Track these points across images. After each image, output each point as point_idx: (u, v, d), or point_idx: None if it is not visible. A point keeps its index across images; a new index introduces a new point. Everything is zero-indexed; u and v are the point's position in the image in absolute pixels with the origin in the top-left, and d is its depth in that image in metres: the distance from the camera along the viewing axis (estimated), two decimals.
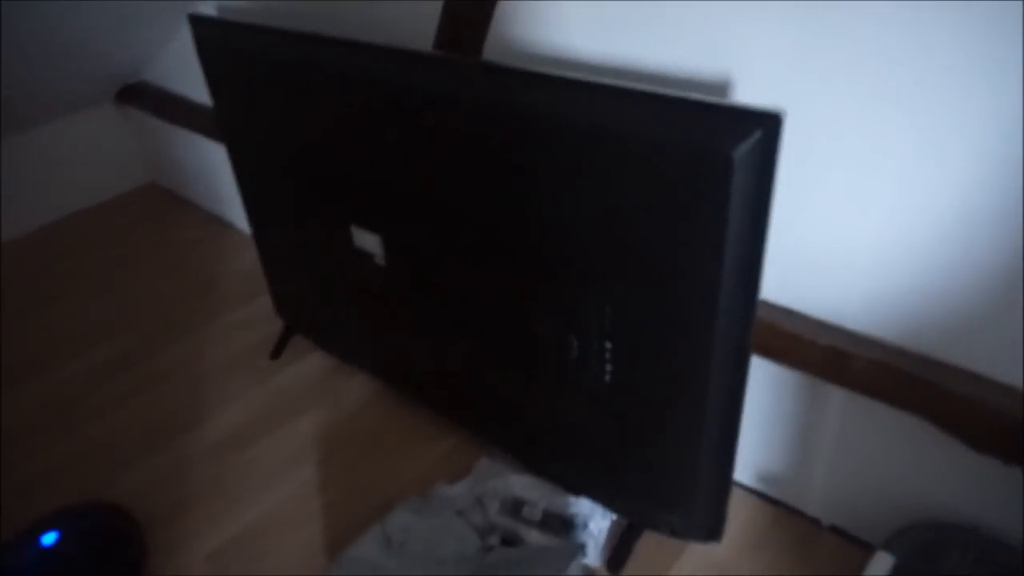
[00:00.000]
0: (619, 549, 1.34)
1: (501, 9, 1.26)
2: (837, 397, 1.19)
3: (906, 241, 0.99)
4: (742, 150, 0.83)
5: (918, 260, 0.99)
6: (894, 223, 0.99)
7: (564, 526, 1.35)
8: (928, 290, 1.00)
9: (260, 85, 1.46)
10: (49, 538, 1.30)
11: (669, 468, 1.20)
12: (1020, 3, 0.78)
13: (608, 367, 1.15)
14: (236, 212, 2.24)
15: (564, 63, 1.21)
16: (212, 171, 2.34)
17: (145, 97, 2.37)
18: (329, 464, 1.58)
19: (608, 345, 1.13)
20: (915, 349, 1.05)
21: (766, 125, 0.83)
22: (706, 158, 0.85)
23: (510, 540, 1.34)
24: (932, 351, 1.04)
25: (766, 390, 1.27)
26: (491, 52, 1.31)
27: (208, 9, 1.85)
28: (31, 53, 1.75)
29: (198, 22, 1.53)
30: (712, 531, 1.25)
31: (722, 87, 1.04)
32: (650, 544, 1.35)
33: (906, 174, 0.95)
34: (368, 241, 1.40)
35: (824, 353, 1.09)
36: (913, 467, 1.17)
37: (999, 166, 0.87)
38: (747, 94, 1.03)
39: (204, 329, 2.01)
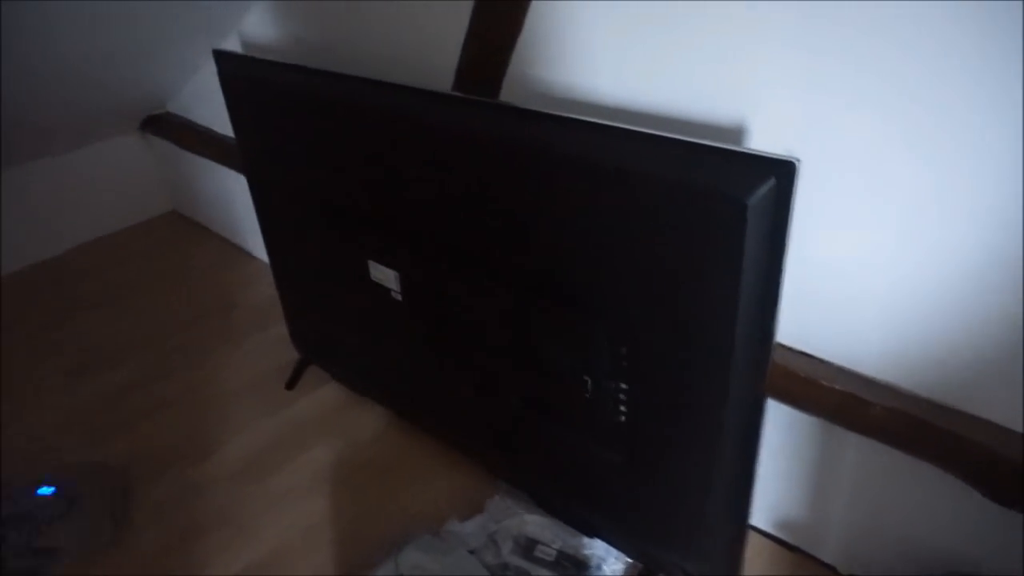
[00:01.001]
0: None
1: (520, 51, 1.27)
2: (854, 442, 1.17)
3: (925, 287, 0.98)
4: (756, 197, 0.83)
5: (937, 307, 0.98)
6: (913, 268, 0.98)
7: (577, 568, 1.34)
8: (947, 337, 0.99)
9: (281, 119, 1.49)
10: (46, 490, 1.50)
11: (684, 512, 1.18)
12: None
13: (622, 408, 1.14)
14: (255, 241, 2.26)
15: (580, 105, 1.22)
16: (232, 201, 2.37)
17: (168, 127, 2.41)
18: (341, 496, 1.58)
19: (623, 386, 1.12)
20: (933, 397, 1.04)
21: (781, 172, 0.83)
22: (721, 204, 0.85)
23: None
24: (950, 399, 1.02)
25: (783, 434, 1.26)
26: (509, 92, 1.33)
27: (232, 42, 1.89)
28: (61, 82, 1.80)
29: (222, 57, 1.56)
30: None
31: (737, 130, 1.05)
32: None
33: (925, 218, 0.94)
34: (385, 275, 1.41)
35: (841, 399, 1.08)
36: (931, 516, 1.15)
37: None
38: (764, 136, 1.03)
39: (220, 356, 2.03)
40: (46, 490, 1.50)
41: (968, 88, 0.84)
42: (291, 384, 1.89)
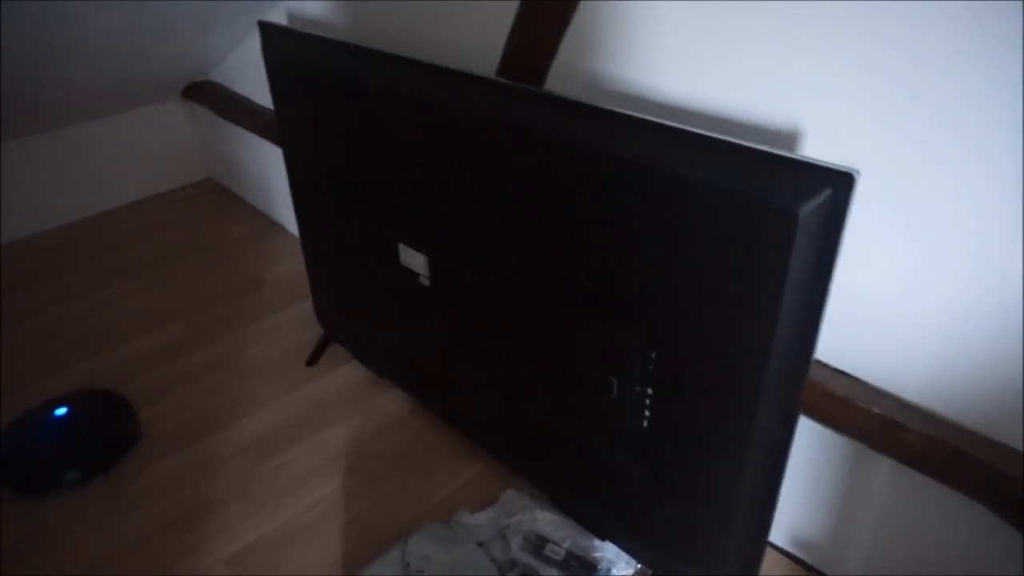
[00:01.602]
0: None
1: (569, 40, 1.24)
2: (886, 467, 1.13)
3: (975, 313, 0.93)
4: (809, 208, 0.80)
5: (987, 335, 0.93)
6: (964, 293, 0.93)
7: (586, 569, 1.32)
8: (994, 367, 0.94)
9: (321, 95, 1.47)
10: (61, 411, 1.64)
11: (701, 523, 1.15)
12: None
13: (647, 412, 1.11)
14: (287, 215, 2.26)
15: (628, 99, 1.19)
16: (268, 173, 2.37)
17: (210, 96, 2.41)
18: (355, 478, 1.57)
19: (649, 390, 1.09)
20: (974, 427, 0.99)
21: (837, 184, 0.79)
22: (771, 213, 0.82)
23: None
24: (992, 431, 0.98)
25: (811, 452, 1.22)
26: (556, 82, 1.30)
27: (278, 14, 1.88)
28: (110, 51, 1.80)
29: (267, 29, 1.54)
30: None
31: (792, 136, 1.01)
32: None
33: (982, 242, 0.90)
34: (415, 260, 1.39)
35: (877, 422, 1.04)
36: (961, 550, 1.11)
37: None
38: (818, 144, 0.99)
39: (245, 329, 2.03)
40: (61, 410, 1.65)
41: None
42: (312, 360, 1.88)
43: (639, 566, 1.33)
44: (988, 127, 0.84)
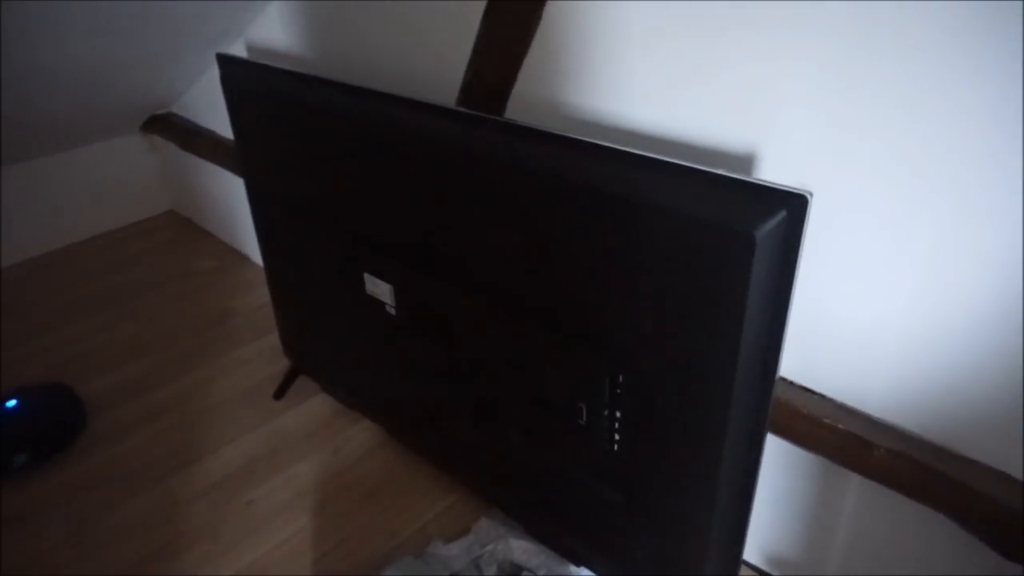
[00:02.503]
0: None
1: (527, 69, 1.25)
2: (855, 483, 1.13)
3: (935, 328, 0.95)
4: (765, 229, 0.80)
5: (947, 349, 0.95)
6: (923, 309, 0.95)
7: None
8: (956, 381, 0.96)
9: (282, 127, 1.46)
10: (11, 403, 1.74)
11: (675, 545, 1.15)
12: None
13: (616, 436, 1.11)
14: (253, 246, 2.24)
15: (585, 125, 1.20)
16: (231, 204, 2.34)
17: (171, 128, 2.39)
18: (325, 514, 1.54)
19: (617, 414, 1.09)
20: (940, 442, 1.00)
21: (792, 205, 0.80)
22: (728, 235, 0.82)
23: None
24: (957, 445, 0.99)
25: (781, 470, 1.23)
26: (515, 110, 1.30)
27: (238, 48, 1.87)
28: (70, 83, 1.78)
29: (226, 61, 1.53)
30: None
31: (748, 159, 1.02)
32: None
33: (938, 258, 0.91)
34: (380, 289, 1.38)
35: (843, 438, 1.04)
36: (932, 564, 1.11)
37: None
38: (774, 167, 1.01)
39: (212, 362, 1.99)
40: (11, 402, 1.75)
41: (1001, 119, 0.81)
42: (279, 394, 1.85)
43: None
44: (946, 147, 0.85)
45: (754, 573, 1.37)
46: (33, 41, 1.45)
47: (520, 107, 1.29)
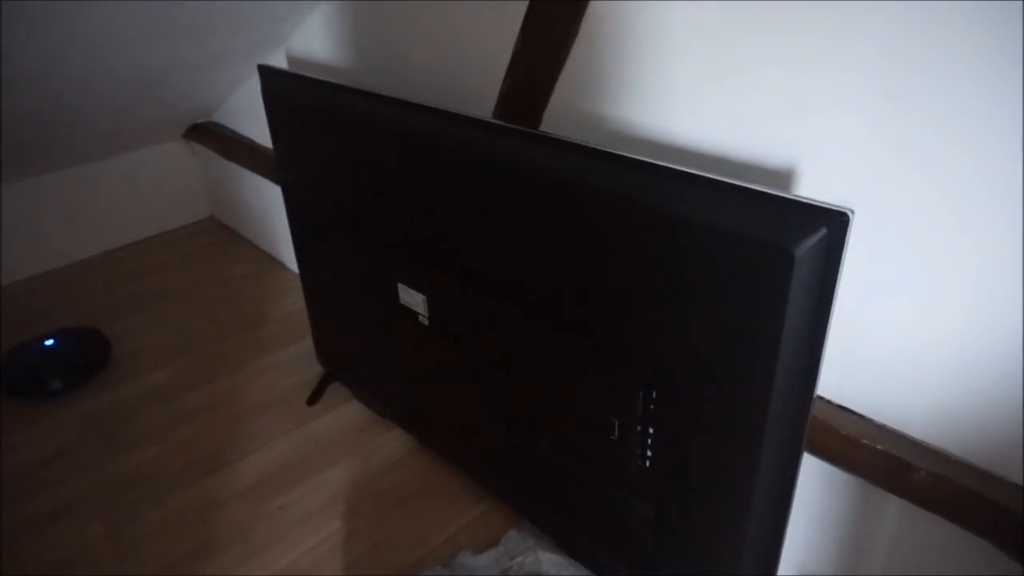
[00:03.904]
0: None
1: (563, 81, 1.25)
2: (894, 505, 1.11)
3: (981, 350, 0.92)
4: (805, 247, 0.79)
5: (993, 371, 0.92)
6: (969, 330, 0.92)
7: None
8: (1000, 404, 0.93)
9: (320, 137, 1.48)
10: (49, 341, 2.09)
11: (708, 563, 1.13)
12: None
13: (648, 452, 1.10)
14: (289, 253, 2.26)
15: (622, 139, 1.19)
16: (269, 211, 2.38)
17: (212, 136, 2.44)
18: (356, 520, 1.55)
19: (650, 430, 1.08)
20: (983, 465, 0.98)
21: (832, 223, 0.79)
22: (768, 252, 0.81)
23: None
24: (1002, 470, 0.96)
25: (818, 490, 1.20)
26: (551, 123, 1.30)
27: (279, 57, 1.90)
28: (115, 90, 1.83)
29: (267, 72, 1.56)
30: None
31: (788, 175, 1.01)
32: None
33: (987, 279, 0.89)
34: (414, 299, 1.39)
35: (883, 460, 1.02)
36: None
37: None
38: (815, 181, 0.99)
39: (247, 367, 2.02)
40: (49, 341, 2.10)
41: None
42: (313, 399, 1.87)
43: None
44: (990, 164, 0.84)
45: None
46: (79, 50, 1.49)
47: (556, 119, 1.30)
